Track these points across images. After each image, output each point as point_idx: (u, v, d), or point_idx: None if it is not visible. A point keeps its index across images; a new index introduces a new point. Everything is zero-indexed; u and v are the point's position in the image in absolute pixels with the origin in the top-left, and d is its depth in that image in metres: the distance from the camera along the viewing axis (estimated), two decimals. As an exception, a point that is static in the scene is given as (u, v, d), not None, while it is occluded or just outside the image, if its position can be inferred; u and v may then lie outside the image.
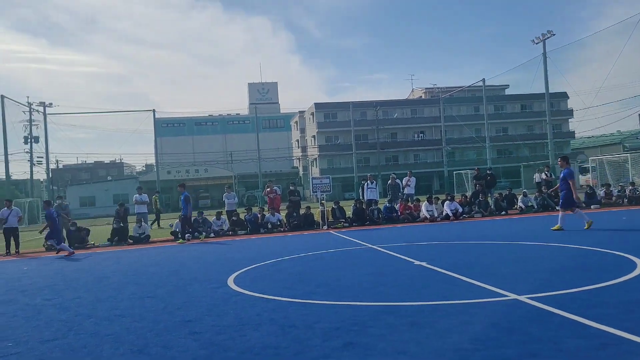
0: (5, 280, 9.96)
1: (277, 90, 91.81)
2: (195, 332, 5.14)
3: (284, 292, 6.88)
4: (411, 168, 36.64)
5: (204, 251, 13.10)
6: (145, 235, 16.98)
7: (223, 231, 17.53)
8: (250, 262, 10.16)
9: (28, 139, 48.95)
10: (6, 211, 16.03)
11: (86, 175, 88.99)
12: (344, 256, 10.48)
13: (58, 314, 6.48)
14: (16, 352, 4.84)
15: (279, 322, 5.30)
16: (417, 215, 18.08)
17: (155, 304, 6.72)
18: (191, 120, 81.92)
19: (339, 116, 67.50)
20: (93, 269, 10.90)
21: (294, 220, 17.94)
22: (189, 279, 8.65)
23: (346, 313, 5.51)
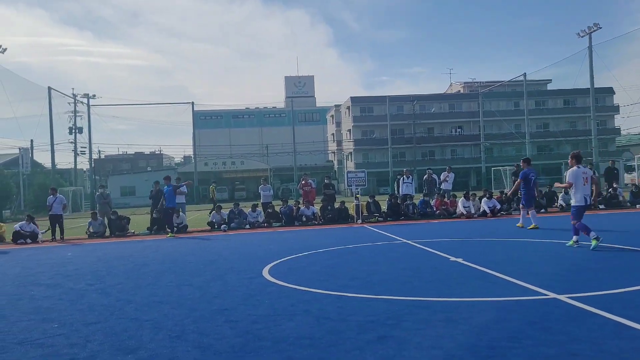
0: (51, 265, 10.37)
1: (313, 84, 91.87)
2: (231, 321, 5.24)
3: (318, 284, 6.92)
4: (448, 163, 36.13)
5: (240, 242, 13.29)
6: (183, 225, 17.34)
7: (258, 223, 17.73)
8: (284, 254, 10.26)
9: (72, 129, 50.60)
10: (52, 198, 16.65)
11: (127, 166, 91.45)
12: (378, 250, 10.45)
13: (100, 298, 6.71)
14: (61, 333, 5.05)
15: (313, 314, 5.34)
16: (453, 212, 17.83)
17: (193, 292, 6.88)
18: (228, 113, 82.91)
19: (375, 110, 67.03)
20: (133, 256, 11.22)
21: (329, 214, 17.98)
22: (225, 268, 8.81)
23: (381, 307, 5.50)
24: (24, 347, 4.62)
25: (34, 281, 8.36)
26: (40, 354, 4.37)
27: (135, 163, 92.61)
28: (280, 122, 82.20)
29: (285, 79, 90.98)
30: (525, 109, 45.80)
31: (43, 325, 5.37)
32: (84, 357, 4.26)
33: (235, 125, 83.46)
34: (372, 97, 69.78)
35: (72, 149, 50.64)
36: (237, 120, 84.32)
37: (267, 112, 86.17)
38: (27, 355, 4.37)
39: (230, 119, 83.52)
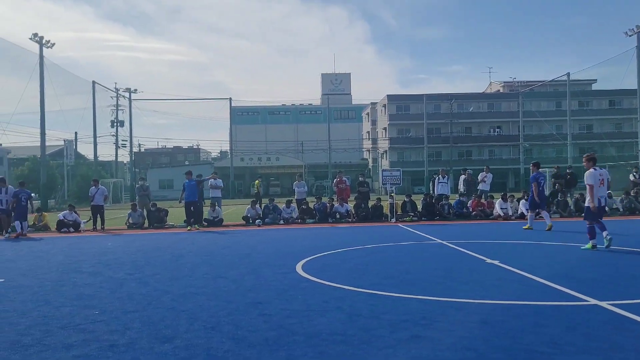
0: (92, 253, 10.72)
1: (349, 81, 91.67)
2: (265, 314, 5.30)
3: (351, 281, 6.92)
4: (485, 164, 35.42)
5: (274, 237, 13.41)
6: (219, 218, 17.62)
7: (292, 219, 17.85)
8: (318, 250, 10.29)
9: (114, 122, 52.06)
10: (94, 189, 17.19)
11: (165, 159, 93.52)
12: (412, 250, 10.37)
13: (138, 288, 6.89)
14: (102, 319, 5.22)
15: (346, 311, 5.35)
16: (490, 213, 17.51)
17: (227, 284, 6.98)
18: (265, 109, 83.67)
19: (412, 108, 66.36)
20: (170, 248, 11.47)
21: (363, 212, 17.93)
22: (259, 262, 8.91)
23: (414, 306, 5.46)
24: (66, 331, 4.79)
25: (76, 269, 8.66)
26: (82, 339, 4.53)
27: (173, 157, 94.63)
28: (316, 119, 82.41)
29: (321, 76, 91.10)
30: (568, 110, 44.50)
31: (85, 312, 5.56)
32: (123, 343, 4.38)
33: (271, 121, 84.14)
34: (409, 95, 69.14)
35: (113, 141, 52.14)
36: (273, 117, 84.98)
37: (303, 109, 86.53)
38: (69, 339, 4.53)
39: (266, 115, 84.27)
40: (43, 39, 32.27)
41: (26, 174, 41.03)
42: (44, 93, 32.58)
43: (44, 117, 32.86)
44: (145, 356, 4.05)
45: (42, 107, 32.73)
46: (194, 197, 16.58)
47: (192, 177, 16.87)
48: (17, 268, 8.88)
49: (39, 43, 32.23)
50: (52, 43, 32.80)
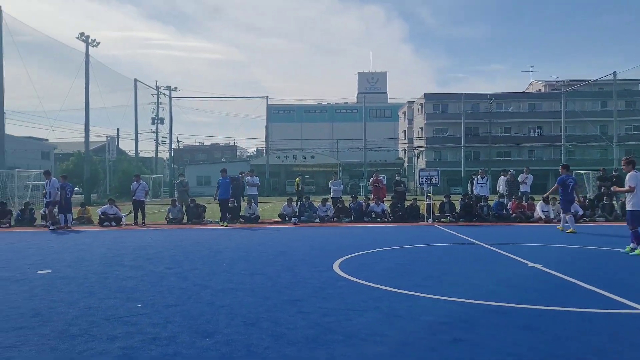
0: (133, 247, 10.99)
1: (386, 80, 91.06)
2: (303, 312, 5.30)
3: (388, 281, 6.86)
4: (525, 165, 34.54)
5: (309, 235, 13.44)
6: (255, 215, 17.79)
7: (328, 217, 17.85)
8: (354, 249, 10.25)
9: (155, 119, 53.28)
10: (135, 185, 17.62)
11: (203, 156, 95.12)
12: (450, 251, 10.20)
13: (178, 282, 7.02)
14: (144, 312, 5.33)
15: (384, 311, 5.30)
16: (530, 215, 17.07)
17: (264, 281, 7.03)
18: (301, 107, 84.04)
19: (450, 108, 65.36)
20: (208, 243, 11.65)
21: (399, 212, 17.78)
22: (296, 260, 8.94)
23: (454, 309, 5.37)
24: (111, 323, 4.92)
25: (118, 262, 8.89)
26: (126, 331, 4.64)
27: (210, 154, 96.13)
28: (351, 118, 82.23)
29: (358, 75, 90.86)
30: (614, 110, 42.88)
31: (128, 304, 5.70)
32: (165, 337, 4.47)
33: (306, 119, 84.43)
34: (446, 94, 68.18)
35: (153, 138, 53.37)
36: (309, 115, 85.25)
37: (338, 108, 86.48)
38: (114, 331, 4.65)
39: (302, 114, 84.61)
40: (89, 38, 33.27)
41: (71, 169, 42.46)
42: (89, 90, 33.61)
43: (88, 113, 33.92)
44: (187, 350, 4.12)
45: (87, 104, 33.78)
46: (228, 195, 16.82)
47: (226, 174, 17.10)
48: (63, 260, 9.18)
49: (85, 42, 33.25)
50: (97, 42, 33.79)
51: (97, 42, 33.82)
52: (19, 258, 9.45)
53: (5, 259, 9.40)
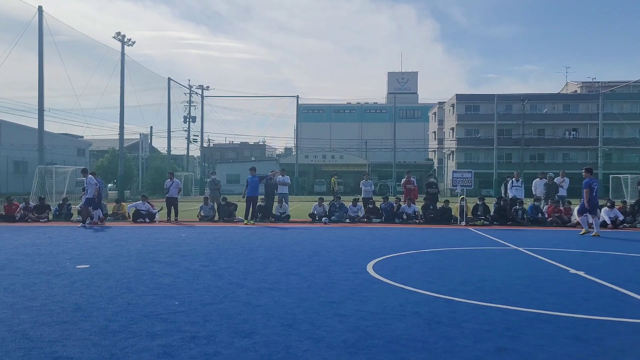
0: (168, 244, 11.11)
1: (416, 80, 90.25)
2: (340, 315, 5.23)
3: (426, 285, 6.73)
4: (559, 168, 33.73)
5: (341, 235, 13.36)
6: (286, 214, 17.81)
7: (358, 218, 17.74)
8: (387, 251, 10.13)
9: (187, 118, 54.04)
10: (169, 182, 17.85)
11: (232, 155, 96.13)
12: (486, 255, 9.97)
13: (214, 280, 7.03)
14: (182, 310, 5.34)
15: (424, 316, 5.18)
16: (567, 220, 16.60)
17: (300, 282, 6.99)
18: (330, 107, 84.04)
19: (482, 109, 64.37)
20: (241, 242, 11.69)
21: (431, 213, 17.54)
22: (329, 261, 8.87)
23: (497, 316, 5.21)
24: (150, 320, 4.94)
25: (154, 258, 8.99)
26: (165, 329, 4.65)
27: (240, 152, 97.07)
28: (381, 118, 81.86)
29: (388, 75, 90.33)
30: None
31: (165, 301, 5.72)
32: (204, 335, 4.46)
33: (336, 119, 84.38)
34: (479, 94, 67.16)
35: (185, 136, 54.12)
36: (338, 115, 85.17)
37: (368, 108, 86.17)
38: (153, 328, 4.67)
39: (331, 113, 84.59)
40: (125, 37, 33.94)
41: (105, 165, 43.44)
42: (124, 89, 34.29)
43: (123, 111, 34.62)
44: (226, 350, 4.09)
45: (122, 103, 34.47)
46: (256, 193, 17.05)
47: (255, 173, 17.29)
48: (101, 255, 9.34)
49: (121, 41, 33.94)
50: (132, 41, 34.44)
51: (133, 42, 34.48)
52: (58, 252, 9.65)
53: (46, 252, 9.61)
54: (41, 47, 27.49)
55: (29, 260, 8.63)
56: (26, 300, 5.70)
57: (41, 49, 27.49)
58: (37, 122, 28.48)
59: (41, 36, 27.43)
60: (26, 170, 38.05)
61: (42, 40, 27.53)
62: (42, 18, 27.42)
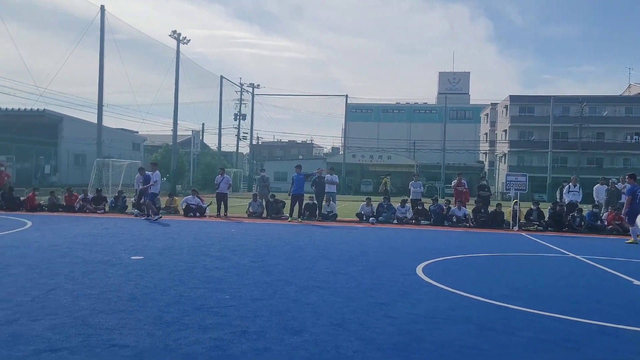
0: (219, 239, 11.31)
1: (468, 81, 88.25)
2: (390, 316, 5.15)
3: (476, 290, 6.53)
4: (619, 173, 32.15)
5: (388, 236, 13.21)
6: (333, 213, 17.79)
7: (406, 219, 17.50)
8: (437, 253, 9.93)
9: (237, 115, 55.01)
10: (219, 178, 18.17)
11: (280, 153, 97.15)
12: (541, 262, 9.61)
13: (263, 276, 7.09)
14: (232, 304, 5.41)
15: (476, 322, 5.03)
16: (628, 228, 15.75)
17: (348, 281, 6.94)
18: (379, 107, 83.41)
19: (536, 110, 62.25)
20: (290, 239, 11.76)
21: (482, 217, 17.08)
22: (377, 261, 8.78)
23: (554, 326, 4.99)
24: (202, 313, 5.02)
25: (205, 252, 9.17)
26: (216, 322, 4.71)
27: (287, 150, 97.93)
28: (430, 119, 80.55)
29: (439, 75, 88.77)
30: None
31: (216, 295, 5.81)
32: (254, 331, 4.48)
33: (384, 119, 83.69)
34: (534, 96, 65.01)
35: (235, 133, 55.12)
36: (387, 115, 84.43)
37: (417, 108, 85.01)
38: (205, 321, 4.74)
39: (379, 113, 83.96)
40: (180, 35, 34.86)
41: (159, 160, 44.75)
42: (178, 86, 35.23)
43: (177, 108, 35.56)
44: (276, 346, 4.10)
45: (176, 99, 35.42)
46: (302, 191, 17.31)
47: (301, 171, 17.43)
48: (154, 247, 9.60)
49: (177, 39, 34.86)
50: (187, 39, 35.32)
51: (188, 40, 35.35)
52: (114, 243, 10.00)
53: (103, 243, 9.98)
54: (102, 45, 28.59)
55: (87, 249, 8.98)
56: (85, 288, 5.93)
57: (102, 47, 28.59)
58: (97, 117, 29.66)
59: (103, 35, 28.52)
60: (85, 163, 39.72)
61: (104, 39, 28.63)
62: (104, 17, 28.52)
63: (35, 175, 37.54)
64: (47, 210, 17.87)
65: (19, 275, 6.59)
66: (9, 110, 37.82)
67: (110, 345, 3.96)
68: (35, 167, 38.28)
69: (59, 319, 4.62)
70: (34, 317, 4.66)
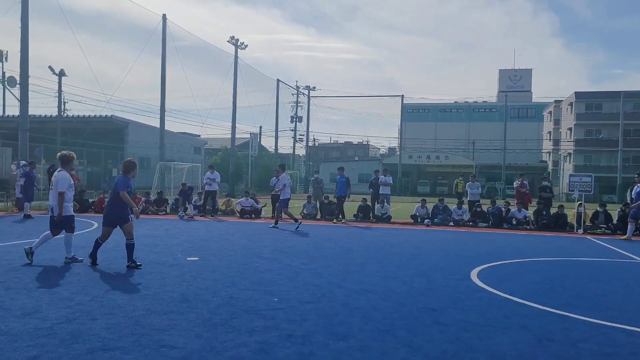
0: (271, 240, 11.45)
1: (530, 78, 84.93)
2: (440, 323, 5.00)
3: (535, 297, 6.24)
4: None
5: (443, 239, 12.90)
6: (387, 215, 17.60)
7: (463, 221, 17.04)
8: (494, 257, 9.59)
9: (294, 118, 55.61)
10: (275, 179, 18.38)
11: (336, 154, 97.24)
12: (607, 268, 9.06)
13: (313, 278, 7.09)
14: (281, 307, 5.43)
15: (533, 331, 4.79)
16: None
17: (398, 285, 6.82)
18: (436, 106, 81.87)
19: (604, 107, 58.97)
20: (341, 240, 11.72)
21: (544, 219, 16.35)
22: (430, 265, 8.58)
23: (619, 337, 4.68)
24: (250, 315, 5.08)
25: (257, 254, 9.29)
26: (264, 325, 4.74)
27: (344, 152, 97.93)
28: (490, 117, 78.15)
29: (499, 72, 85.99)
30: None
31: (265, 297, 5.86)
32: (300, 335, 4.48)
33: (442, 119, 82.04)
34: (601, 92, 61.63)
35: (291, 135, 55.74)
36: (444, 114, 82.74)
37: (476, 107, 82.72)
38: (252, 323, 4.78)
39: (437, 113, 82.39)
40: (238, 41, 35.66)
41: (218, 163, 45.93)
42: (236, 90, 36.06)
43: (235, 112, 36.43)
44: (321, 351, 4.07)
45: (234, 104, 36.30)
46: (344, 192, 17.55)
47: (343, 172, 17.96)
48: (209, 248, 9.83)
49: (235, 45, 35.70)
50: (245, 45, 36.08)
51: (245, 45, 36.11)
52: (172, 244, 10.33)
53: (162, 244, 10.33)
54: (164, 53, 29.70)
55: (146, 250, 9.32)
56: (142, 288, 6.14)
57: (164, 54, 29.70)
58: (159, 121, 30.84)
59: (164, 42, 29.63)
60: (149, 166, 41.38)
61: (165, 46, 29.73)
62: (166, 25, 29.62)
63: (104, 178, 39.50)
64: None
65: (83, 275, 6.92)
66: (80, 117, 40.07)
67: (160, 346, 4.07)
68: (104, 171, 40.29)
69: (115, 318, 4.80)
70: (92, 316, 4.87)
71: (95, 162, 39.56)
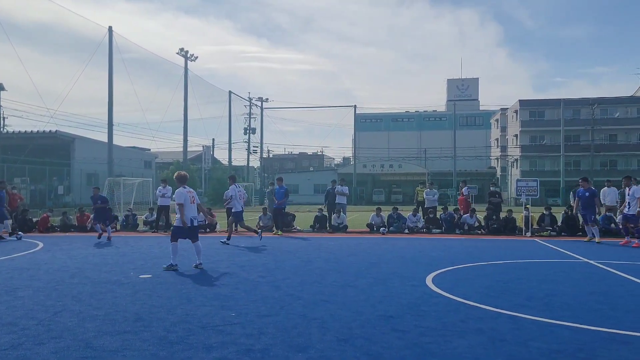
0: (227, 254, 11.29)
1: (477, 86, 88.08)
2: (398, 330, 5.06)
3: (488, 300, 6.42)
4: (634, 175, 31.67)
5: (400, 246, 13.09)
6: (344, 225, 17.71)
7: (417, 228, 17.36)
8: (448, 263, 9.80)
9: (247, 130, 55.30)
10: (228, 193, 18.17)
11: (291, 165, 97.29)
12: (554, 269, 9.43)
13: (271, 291, 7.03)
14: (238, 322, 5.35)
15: (487, 334, 4.92)
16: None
17: (357, 294, 6.86)
18: (388, 116, 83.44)
19: (547, 114, 61.80)
20: (299, 252, 11.70)
21: (494, 224, 16.88)
22: (387, 273, 8.68)
23: (566, 335, 4.86)
24: (206, 331, 4.98)
25: (213, 268, 9.13)
26: (221, 341, 4.66)
27: (299, 162, 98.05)
28: (440, 126, 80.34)
29: (447, 82, 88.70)
30: None
31: (222, 312, 5.76)
32: (258, 349, 4.43)
33: (394, 128, 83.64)
34: (544, 100, 64.58)
35: (245, 147, 55.36)
36: (396, 123, 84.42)
37: (427, 116, 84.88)
38: (209, 340, 4.69)
39: (389, 122, 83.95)
40: (188, 53, 35.25)
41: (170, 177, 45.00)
42: (187, 103, 35.57)
43: (186, 125, 35.88)
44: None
45: (185, 116, 35.75)
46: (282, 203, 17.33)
47: (282, 183, 17.90)
48: (163, 265, 9.57)
49: (185, 57, 35.28)
50: (195, 56, 35.71)
51: (195, 57, 35.77)
52: (124, 262, 10.01)
53: (112, 262, 9.99)
54: (111, 65, 29.01)
55: (96, 269, 8.99)
56: (92, 309, 5.91)
57: (111, 67, 29.00)
58: (107, 136, 29.98)
59: (111, 55, 28.95)
60: (97, 182, 40.15)
61: (112, 59, 29.05)
62: (112, 38, 28.95)
63: (49, 196, 37.94)
64: (60, 230, 18.01)
65: (27, 298, 6.60)
66: (21, 133, 38.41)
67: (113, 368, 3.92)
68: (49, 188, 38.70)
69: (64, 342, 4.60)
70: (39, 340, 4.65)
71: (39, 180, 37.96)
